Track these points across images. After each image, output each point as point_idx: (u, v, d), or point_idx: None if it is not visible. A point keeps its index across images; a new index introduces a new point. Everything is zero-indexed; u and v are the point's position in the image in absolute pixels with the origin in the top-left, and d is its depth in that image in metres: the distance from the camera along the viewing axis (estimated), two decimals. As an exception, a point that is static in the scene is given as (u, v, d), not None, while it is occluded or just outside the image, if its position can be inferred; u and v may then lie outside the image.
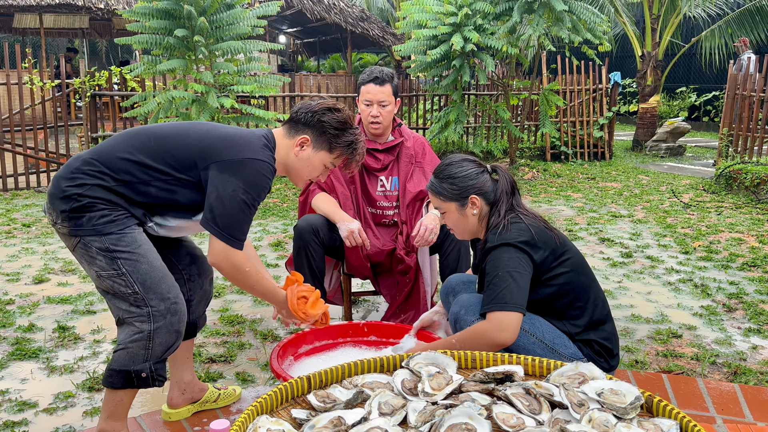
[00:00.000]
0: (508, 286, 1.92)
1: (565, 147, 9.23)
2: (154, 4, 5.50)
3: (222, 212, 1.88)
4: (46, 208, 1.94)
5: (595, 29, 6.87)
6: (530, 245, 2.00)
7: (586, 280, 2.12)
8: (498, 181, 2.13)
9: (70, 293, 3.61)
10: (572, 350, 2.06)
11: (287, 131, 2.09)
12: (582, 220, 5.58)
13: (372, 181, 3.05)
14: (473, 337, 1.92)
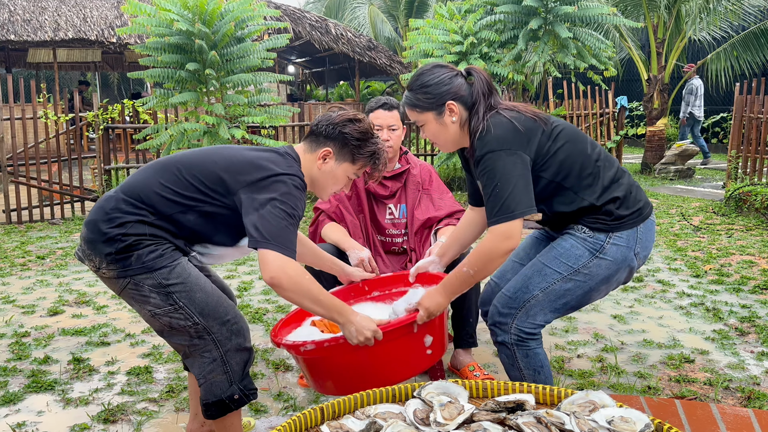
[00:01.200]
0: (511, 193, 1.88)
1: (573, 171, 9.24)
2: (166, 39, 5.62)
3: (267, 227, 1.81)
4: (85, 255, 1.93)
5: (600, 55, 6.95)
6: (518, 142, 1.94)
7: (584, 145, 2.06)
8: (473, 84, 2.04)
9: (84, 325, 3.65)
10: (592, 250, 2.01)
11: (308, 145, 2.06)
12: (592, 244, 5.58)
13: (380, 209, 3.09)
14: (483, 256, 1.93)
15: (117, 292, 1.94)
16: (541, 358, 2.14)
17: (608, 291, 2.13)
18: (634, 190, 2.08)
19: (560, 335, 3.40)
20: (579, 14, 6.65)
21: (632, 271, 2.10)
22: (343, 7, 20.69)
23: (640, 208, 2.06)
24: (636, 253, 2.06)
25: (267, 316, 3.77)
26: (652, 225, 2.12)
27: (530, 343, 2.11)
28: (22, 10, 12.43)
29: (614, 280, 2.08)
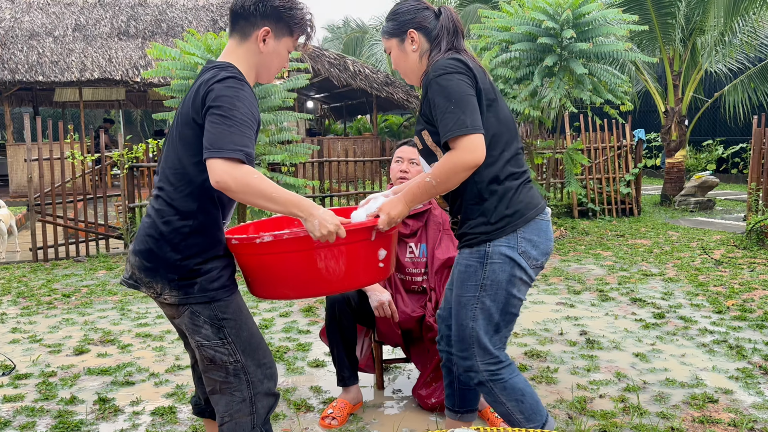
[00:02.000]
0: (469, 110, 1.91)
1: (592, 204, 9.25)
2: (189, 82, 5.78)
3: (208, 138, 1.75)
4: (144, 281, 1.91)
5: (616, 90, 7.00)
6: (469, 70, 1.98)
7: (509, 134, 2.07)
8: (440, 19, 2.09)
9: (109, 364, 3.71)
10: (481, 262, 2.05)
11: (240, 34, 1.96)
12: (613, 279, 5.57)
13: (401, 248, 3.11)
14: (447, 168, 1.93)
15: (172, 317, 1.94)
16: (520, 387, 2.11)
17: (522, 291, 2.11)
18: (515, 201, 2.06)
19: (582, 374, 3.39)
20: (594, 51, 6.73)
21: (526, 268, 2.08)
22: (360, 44, 21.06)
23: (512, 214, 2.05)
24: (522, 252, 2.05)
25: (288, 354, 3.81)
26: (539, 224, 2.09)
27: (503, 374, 2.11)
28: (50, 52, 12.83)
29: (517, 279, 2.07)
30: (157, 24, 14.24)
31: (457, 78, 1.95)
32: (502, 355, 2.12)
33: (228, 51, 1.98)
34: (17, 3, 13.82)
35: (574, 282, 5.50)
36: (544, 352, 3.73)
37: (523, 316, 4.51)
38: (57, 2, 14.13)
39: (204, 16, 14.82)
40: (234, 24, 1.98)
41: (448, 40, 2.07)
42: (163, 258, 1.87)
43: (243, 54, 1.96)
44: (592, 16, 6.75)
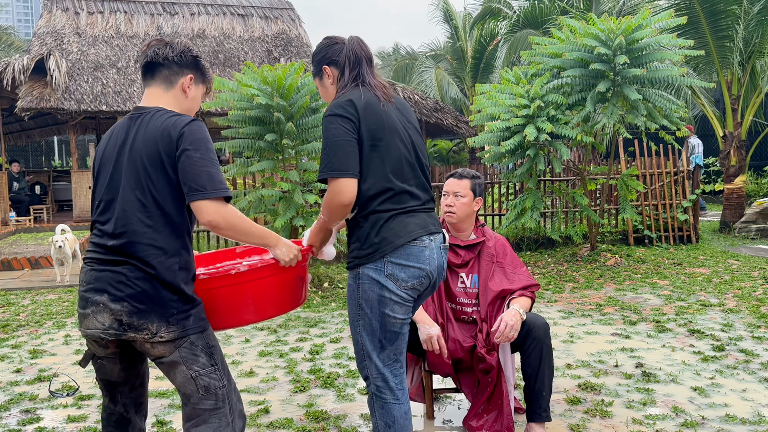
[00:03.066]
0: (337, 154, 2.12)
1: (648, 231, 9.04)
2: (247, 113, 5.97)
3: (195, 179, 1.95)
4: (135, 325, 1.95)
5: (671, 116, 6.87)
6: (355, 114, 2.16)
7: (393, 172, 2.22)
8: (347, 48, 2.28)
9: (166, 387, 3.82)
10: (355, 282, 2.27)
11: (164, 83, 2.13)
12: (670, 309, 5.42)
13: (453, 277, 3.14)
14: (325, 205, 2.20)
15: (161, 356, 1.99)
16: (395, 415, 2.25)
17: (396, 311, 2.23)
18: (385, 230, 2.20)
19: (637, 408, 3.32)
20: (648, 76, 6.63)
21: (394, 290, 2.21)
22: (410, 71, 21.27)
23: (379, 242, 2.20)
24: (389, 275, 2.21)
25: (338, 381, 3.85)
26: (410, 249, 2.22)
27: (386, 396, 2.26)
28: (113, 82, 13.43)
29: (387, 299, 2.21)
30: (215, 55, 14.74)
31: (338, 122, 2.15)
32: (390, 375, 2.27)
33: (155, 98, 2.13)
34: (83, 37, 14.54)
35: (629, 312, 5.38)
36: (598, 385, 3.66)
37: (577, 347, 4.44)
38: (120, 35, 14.81)
39: (259, 46, 15.27)
40: (154, 73, 2.14)
41: (350, 71, 2.26)
42: (158, 297, 1.95)
43: (171, 100, 2.13)
44: (646, 42, 6.68)
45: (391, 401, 2.26)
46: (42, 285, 7.36)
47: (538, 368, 2.90)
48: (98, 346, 2.07)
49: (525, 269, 3.18)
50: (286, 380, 3.90)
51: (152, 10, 15.48)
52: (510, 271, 3.14)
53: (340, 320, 5.37)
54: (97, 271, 2.03)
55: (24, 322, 5.63)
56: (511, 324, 2.86)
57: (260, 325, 5.24)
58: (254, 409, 3.43)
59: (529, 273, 3.22)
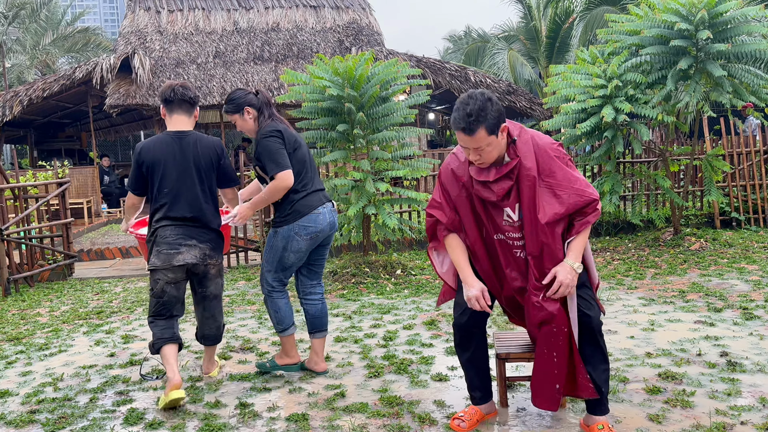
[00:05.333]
0: (278, 157, 3.48)
1: (736, 213, 8.61)
2: (319, 105, 6.09)
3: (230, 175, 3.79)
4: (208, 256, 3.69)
5: (760, 92, 6.50)
6: (282, 135, 3.55)
7: (303, 169, 3.61)
8: (259, 98, 3.66)
9: (248, 371, 3.99)
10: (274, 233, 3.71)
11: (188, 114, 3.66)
12: (759, 296, 5.17)
13: (497, 212, 2.79)
14: (273, 189, 3.51)
15: (217, 275, 3.76)
16: (278, 304, 3.75)
17: (296, 254, 3.66)
18: (297, 205, 3.60)
19: (721, 399, 3.20)
20: (733, 51, 6.29)
21: (298, 240, 3.62)
22: (482, 53, 20.99)
23: (290, 214, 3.60)
24: (296, 232, 3.61)
25: (411, 367, 3.90)
26: (312, 217, 3.62)
27: (274, 294, 3.76)
28: (194, 78, 13.95)
29: (291, 245, 3.63)
30: (289, 47, 15.04)
31: (273, 139, 3.53)
32: (278, 285, 3.75)
33: (183, 123, 3.63)
34: (165, 35, 15.15)
35: (714, 299, 5.17)
36: (680, 374, 3.55)
37: (658, 335, 4.31)
38: (199, 32, 15.34)
39: (331, 37, 15.46)
40: (181, 106, 3.61)
41: (267, 110, 3.66)
42: (219, 242, 3.76)
43: (191, 124, 3.68)
44: (731, 15, 6.32)
45: (277, 297, 3.75)
46: (132, 273, 7.79)
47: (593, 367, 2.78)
48: (178, 273, 3.58)
49: (578, 178, 2.70)
50: (361, 365, 3.99)
51: (228, 6, 15.92)
52: (564, 195, 2.67)
53: (412, 307, 5.42)
54: (182, 228, 3.59)
55: (117, 308, 5.99)
56: (566, 283, 2.64)
57: (335, 312, 5.36)
58: (330, 393, 3.53)
59: (586, 181, 2.73)
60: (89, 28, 26.40)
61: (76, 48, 24.43)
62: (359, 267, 6.60)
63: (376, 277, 6.47)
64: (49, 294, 6.86)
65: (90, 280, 7.55)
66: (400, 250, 8.15)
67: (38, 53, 23.58)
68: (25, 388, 3.93)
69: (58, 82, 13.06)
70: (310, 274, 3.87)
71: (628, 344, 4.14)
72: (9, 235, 6.95)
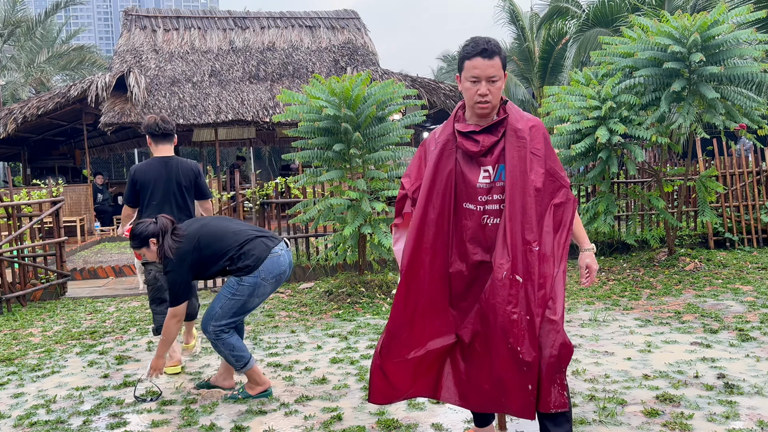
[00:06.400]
0: (174, 290, 3.65)
1: (729, 234, 8.65)
2: (316, 125, 6.11)
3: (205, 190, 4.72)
4: None
5: (752, 114, 6.56)
6: (185, 255, 3.65)
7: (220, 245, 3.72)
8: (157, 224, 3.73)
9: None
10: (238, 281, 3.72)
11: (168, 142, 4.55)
12: (754, 317, 5.18)
13: (473, 170, 2.58)
14: (168, 326, 3.69)
15: None
16: (231, 342, 3.75)
17: (260, 298, 3.76)
18: (246, 257, 3.69)
19: (719, 422, 3.19)
20: (726, 73, 6.36)
21: (265, 285, 3.72)
22: (477, 73, 21.12)
23: (251, 264, 3.68)
24: (263, 278, 3.69)
25: (410, 390, 3.87)
26: (269, 262, 3.70)
27: (223, 336, 3.74)
28: (189, 96, 13.98)
29: (258, 291, 3.71)
30: (284, 67, 15.12)
31: (177, 266, 3.65)
32: (228, 327, 3.74)
33: (166, 150, 4.52)
34: (161, 53, 15.21)
35: (710, 320, 5.17)
36: (677, 397, 3.54)
37: (654, 356, 4.30)
38: (195, 51, 15.41)
39: (327, 57, 15.55)
40: (164, 137, 4.48)
41: (168, 234, 3.74)
42: None
43: (171, 150, 4.54)
44: (723, 38, 6.40)
45: (227, 338, 3.75)
46: (126, 292, 7.74)
47: None
48: None
49: (562, 169, 2.63)
50: (358, 387, 3.96)
51: (224, 25, 16.02)
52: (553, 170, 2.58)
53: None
54: None
55: (110, 328, 5.94)
56: (596, 269, 2.72)
57: (331, 332, 5.34)
58: (327, 416, 3.50)
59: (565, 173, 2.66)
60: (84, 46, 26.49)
61: (71, 66, 24.49)
62: (355, 287, 6.58)
63: (372, 297, 6.45)
64: (42, 313, 6.79)
65: (83, 299, 7.49)
66: (396, 269, 8.13)
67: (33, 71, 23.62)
68: (17, 410, 3.88)
69: (52, 100, 13.06)
70: None
71: (625, 366, 4.13)
72: (2, 254, 6.90)
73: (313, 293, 6.89)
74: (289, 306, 6.51)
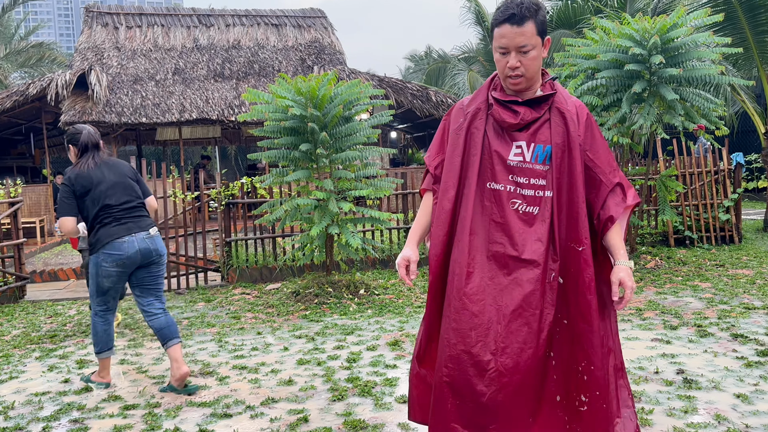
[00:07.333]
0: (61, 207, 3.94)
1: (689, 231, 8.86)
2: (282, 124, 6.07)
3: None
4: None
5: (710, 115, 6.74)
6: (71, 183, 3.98)
7: (98, 206, 3.98)
8: (82, 136, 4.10)
9: (209, 397, 3.91)
10: None
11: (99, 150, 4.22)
12: (712, 313, 5.32)
13: (503, 145, 2.20)
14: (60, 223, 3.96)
15: None
16: (97, 328, 4.10)
17: (107, 279, 4.01)
18: (93, 235, 4.02)
19: (678, 416, 3.27)
20: (685, 75, 6.52)
21: (104, 266, 3.97)
22: (443, 74, 21.26)
23: (94, 243, 4.00)
24: (102, 260, 3.96)
25: (375, 389, 3.88)
26: (113, 244, 3.95)
27: (96, 319, 4.12)
28: (152, 95, 13.76)
29: (100, 270, 3.99)
30: (250, 65, 14.98)
31: (62, 189, 3.98)
32: (100, 309, 4.12)
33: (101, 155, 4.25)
34: (123, 51, 14.94)
35: (670, 316, 5.29)
36: (638, 392, 3.61)
37: (615, 352, 4.38)
38: (158, 48, 15.17)
39: (293, 55, 15.46)
40: (97, 147, 4.16)
41: (85, 154, 4.11)
42: None
43: None
44: (682, 41, 6.56)
45: (96, 321, 4.12)
46: (87, 295, 7.58)
47: None
48: None
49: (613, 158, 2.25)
50: (324, 389, 3.95)
51: (188, 23, 15.81)
52: (601, 164, 2.19)
53: (376, 327, 5.40)
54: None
55: (71, 332, 5.81)
56: (633, 287, 2.12)
57: (298, 333, 5.31)
58: (293, 418, 3.48)
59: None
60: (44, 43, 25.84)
61: (30, 63, 23.87)
62: (322, 287, 6.56)
63: (340, 297, 6.44)
64: (0, 317, 6.62)
65: (43, 302, 7.32)
66: (364, 269, 8.13)
67: (-10, 68, 22.94)
68: (-27, 417, 3.77)
69: (10, 98, 12.72)
70: (142, 293, 4.14)
71: (588, 363, 4.20)
72: (-43, 257, 6.69)
73: (280, 294, 6.85)
74: (256, 307, 6.46)
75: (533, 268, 2.10)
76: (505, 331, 2.06)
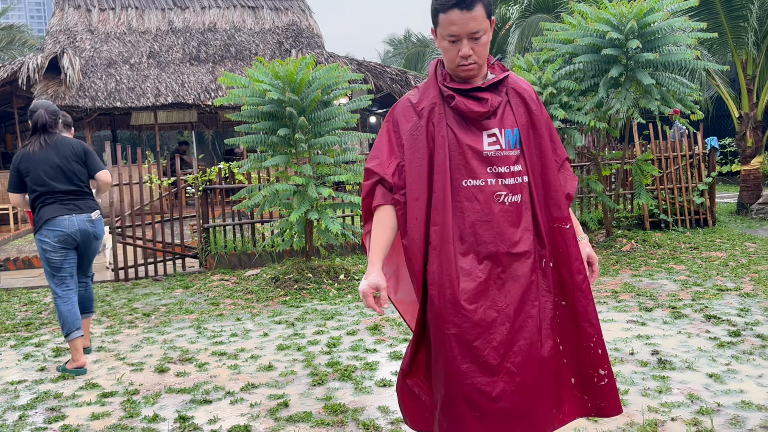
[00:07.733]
0: (9, 181, 4.18)
1: (664, 215, 8.99)
2: (259, 108, 6.01)
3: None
4: None
5: (685, 100, 6.81)
6: (17, 162, 4.16)
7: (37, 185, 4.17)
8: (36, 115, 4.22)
9: (188, 383, 3.89)
10: None
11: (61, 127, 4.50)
12: (686, 295, 5.41)
13: (475, 137, 2.06)
14: None
15: None
16: (61, 310, 4.19)
17: (50, 253, 4.17)
18: (40, 213, 4.19)
19: (653, 396, 3.33)
20: (661, 60, 6.57)
21: (47, 241, 4.15)
22: (422, 58, 21.20)
23: (37, 221, 4.17)
24: (44, 236, 4.15)
25: (356, 374, 3.90)
26: (53, 222, 4.14)
27: (57, 301, 4.21)
28: (127, 79, 13.53)
29: (45, 246, 4.16)
30: (226, 48, 14.78)
31: (11, 165, 4.19)
32: (59, 290, 4.21)
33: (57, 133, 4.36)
34: (96, 34, 14.64)
35: (645, 298, 5.38)
36: (614, 373, 3.67)
37: (592, 334, 4.45)
38: (132, 31, 14.89)
39: (270, 38, 15.28)
40: (46, 130, 4.24)
41: (39, 131, 4.26)
42: None
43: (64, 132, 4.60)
44: (658, 26, 6.61)
45: (58, 303, 4.19)
46: (63, 282, 7.48)
47: None
48: None
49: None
50: (305, 374, 3.96)
51: (163, 5, 15.52)
52: (553, 135, 2.16)
53: (356, 312, 5.41)
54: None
55: (46, 320, 5.74)
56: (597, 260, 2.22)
57: (278, 319, 5.30)
58: (273, 403, 3.49)
59: None
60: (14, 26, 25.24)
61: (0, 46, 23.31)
62: (302, 272, 6.55)
63: (319, 283, 6.44)
64: (-27, 305, 6.51)
65: (17, 290, 7.21)
66: (343, 254, 8.13)
67: (-42, 51, 22.37)
68: (-53, 407, 3.72)
69: (-20, 82, 12.42)
70: None
71: (565, 345, 4.26)
72: (-73, 244, 6.55)
73: (259, 280, 6.83)
74: (235, 293, 6.43)
75: (526, 259, 2.04)
76: (510, 331, 1.99)
